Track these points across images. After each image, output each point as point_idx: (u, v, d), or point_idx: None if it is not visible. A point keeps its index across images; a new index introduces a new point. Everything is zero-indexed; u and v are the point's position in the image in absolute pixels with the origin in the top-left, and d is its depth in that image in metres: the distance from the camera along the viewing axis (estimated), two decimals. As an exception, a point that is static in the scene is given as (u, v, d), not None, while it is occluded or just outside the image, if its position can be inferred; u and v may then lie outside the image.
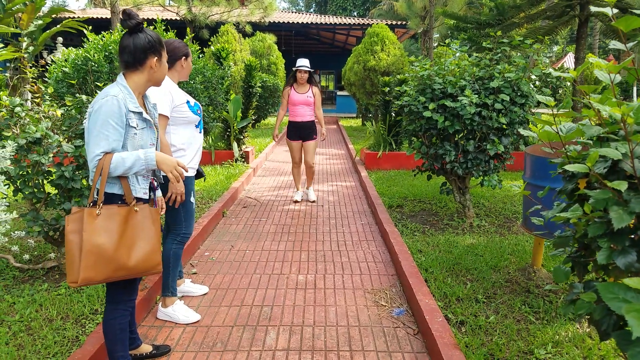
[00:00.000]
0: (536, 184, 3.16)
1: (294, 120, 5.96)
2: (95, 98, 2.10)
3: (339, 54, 26.88)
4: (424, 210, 5.47)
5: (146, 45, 2.11)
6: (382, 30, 12.87)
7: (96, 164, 2.02)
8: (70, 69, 5.01)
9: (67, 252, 2.03)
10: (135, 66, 2.13)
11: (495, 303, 3.15)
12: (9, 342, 2.60)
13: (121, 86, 2.12)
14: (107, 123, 2.01)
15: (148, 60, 2.13)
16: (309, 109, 5.95)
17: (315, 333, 2.95)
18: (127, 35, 2.12)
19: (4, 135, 3.16)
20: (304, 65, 5.86)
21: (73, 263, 2.01)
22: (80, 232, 2.01)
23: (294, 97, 5.91)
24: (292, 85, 5.94)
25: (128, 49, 2.10)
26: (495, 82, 4.24)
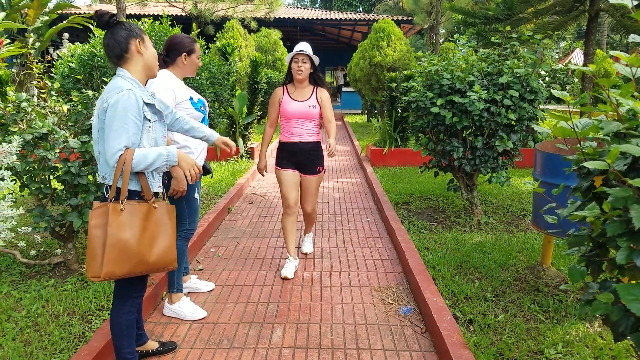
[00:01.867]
0: (547, 182, 3.11)
1: (287, 141, 3.75)
2: (105, 93, 2.08)
3: (344, 49, 26.78)
4: (431, 208, 5.43)
5: (124, 32, 2.12)
6: (388, 25, 12.79)
7: (117, 159, 2.01)
8: (77, 65, 4.99)
9: (90, 246, 2.03)
10: (124, 56, 2.14)
11: (504, 302, 3.11)
12: (16, 337, 2.59)
13: (129, 79, 2.13)
14: (127, 117, 2.01)
15: (131, 45, 2.13)
16: (311, 125, 3.73)
17: (322, 331, 2.93)
18: (106, 34, 2.14)
19: (10, 131, 3.15)
20: (303, 49, 3.63)
21: (95, 257, 2.02)
22: (104, 226, 2.03)
23: (288, 107, 3.67)
24: (286, 87, 3.76)
25: (111, 43, 2.12)
26: (504, 78, 4.19)
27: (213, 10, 14.85)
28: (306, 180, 3.80)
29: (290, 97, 3.71)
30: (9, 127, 3.13)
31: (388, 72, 12.02)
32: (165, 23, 5.57)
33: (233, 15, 15.35)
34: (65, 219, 3.30)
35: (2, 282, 3.25)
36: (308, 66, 3.64)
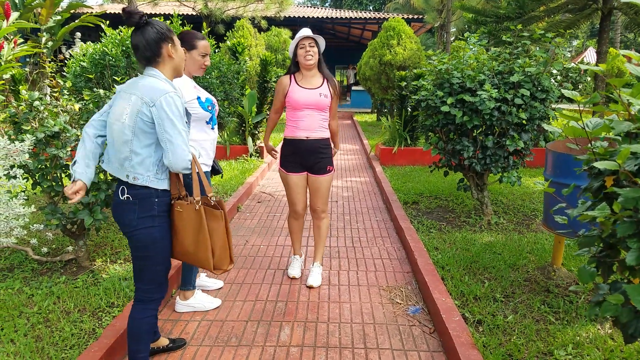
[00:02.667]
0: (558, 181, 3.08)
1: (293, 138, 3.40)
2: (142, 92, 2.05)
3: (354, 48, 26.74)
4: (440, 207, 5.41)
5: (157, 35, 2.10)
6: (399, 24, 12.75)
7: (190, 161, 2.07)
8: (88, 64, 5.04)
9: (221, 242, 2.20)
10: (155, 59, 2.13)
11: (513, 302, 3.09)
12: (28, 333, 2.63)
13: (165, 80, 2.13)
14: (180, 118, 2.06)
15: (163, 49, 2.13)
16: (321, 117, 3.38)
17: (329, 329, 2.93)
18: (135, 33, 2.11)
19: (23, 129, 3.19)
20: (307, 34, 3.27)
21: (226, 249, 2.23)
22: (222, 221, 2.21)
23: (296, 96, 3.29)
24: (293, 76, 3.38)
25: (141, 44, 2.09)
26: (515, 77, 4.15)
27: (223, 9, 14.90)
28: (316, 181, 3.45)
29: (299, 84, 3.32)
30: (22, 125, 3.16)
31: (398, 70, 11.98)
32: (176, 22, 5.59)
33: (243, 14, 15.39)
34: (77, 216, 3.33)
35: (15, 279, 3.30)
36: (316, 50, 3.28)
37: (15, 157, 2.57)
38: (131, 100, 2.05)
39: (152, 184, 2.09)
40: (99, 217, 3.29)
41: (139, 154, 2.06)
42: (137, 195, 2.10)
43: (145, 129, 2.04)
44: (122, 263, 3.66)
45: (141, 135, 2.05)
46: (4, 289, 3.12)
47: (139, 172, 2.08)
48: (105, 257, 3.75)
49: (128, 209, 2.11)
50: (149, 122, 2.03)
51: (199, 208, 2.14)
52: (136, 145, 2.06)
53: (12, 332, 2.63)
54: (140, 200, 2.10)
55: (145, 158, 2.07)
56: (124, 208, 2.12)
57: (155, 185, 2.10)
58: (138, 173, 2.08)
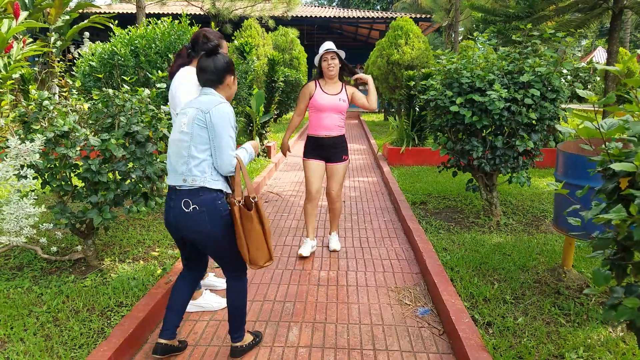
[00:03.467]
0: (570, 182, 3.05)
1: (316, 135, 3.97)
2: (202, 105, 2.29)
3: (361, 48, 26.69)
4: (449, 208, 5.38)
5: (225, 66, 2.38)
6: (407, 23, 12.71)
7: (234, 164, 2.28)
8: (97, 63, 5.05)
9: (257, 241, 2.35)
10: (217, 84, 2.39)
11: (523, 304, 3.06)
12: (37, 332, 2.64)
13: (219, 96, 2.38)
14: (230, 126, 2.30)
15: (226, 79, 2.40)
16: (339, 119, 3.98)
17: (338, 331, 2.92)
18: (206, 57, 2.36)
19: (32, 129, 3.20)
20: (330, 47, 3.91)
21: (263, 247, 2.38)
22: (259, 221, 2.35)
23: (320, 100, 3.89)
24: (318, 81, 4.00)
25: (209, 69, 2.35)
26: (525, 77, 4.12)
27: (231, 9, 14.93)
28: (332, 167, 4.04)
29: (323, 90, 3.95)
30: (32, 125, 3.18)
31: (406, 70, 11.93)
32: (185, 22, 5.60)
33: (251, 14, 15.40)
34: (86, 216, 3.34)
35: (24, 278, 3.31)
36: (337, 62, 3.91)
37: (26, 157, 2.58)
38: (189, 113, 2.31)
39: (209, 184, 2.28)
40: (107, 217, 3.29)
41: (196, 157, 2.27)
42: (202, 204, 2.28)
43: (201, 134, 2.26)
44: (131, 262, 3.67)
45: (198, 140, 2.27)
46: (13, 287, 3.14)
47: (196, 174, 2.27)
48: (113, 257, 3.76)
49: (198, 219, 2.29)
50: (204, 127, 2.26)
51: (236, 207, 2.28)
52: (194, 150, 2.27)
53: (22, 331, 2.64)
54: (207, 207, 2.28)
55: (202, 161, 2.28)
56: (193, 219, 2.30)
57: (212, 186, 2.28)
58: (195, 175, 2.27)
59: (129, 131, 3.31)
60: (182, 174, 2.30)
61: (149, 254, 3.85)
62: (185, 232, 2.34)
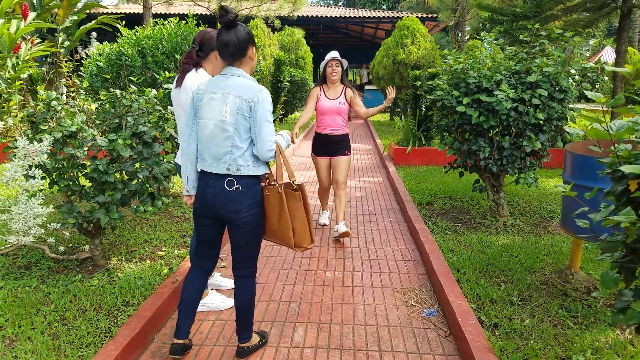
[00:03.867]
0: (578, 184, 3.03)
1: (321, 133, 4.67)
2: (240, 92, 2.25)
3: (367, 47, 26.66)
4: (455, 208, 5.36)
5: (246, 36, 2.30)
6: (413, 23, 12.67)
7: (274, 150, 2.31)
8: (105, 64, 5.07)
9: (301, 223, 2.44)
10: (241, 58, 2.32)
11: (530, 306, 3.05)
12: (45, 331, 2.65)
13: (252, 79, 2.37)
14: (270, 113, 2.31)
15: (249, 50, 2.34)
16: (340, 119, 4.61)
17: (343, 331, 2.91)
18: (226, 31, 2.27)
19: (40, 129, 3.22)
20: (335, 56, 4.55)
21: (306, 230, 2.47)
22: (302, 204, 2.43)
23: (323, 104, 4.57)
24: (322, 87, 4.64)
25: (232, 42, 2.26)
26: (533, 77, 4.09)
27: (237, 9, 14.94)
28: (336, 160, 4.66)
29: (325, 95, 4.60)
30: (40, 125, 3.20)
31: (412, 70, 11.90)
32: (191, 23, 5.61)
33: (257, 14, 15.42)
34: (93, 215, 3.35)
35: (32, 277, 3.33)
36: (339, 69, 4.55)
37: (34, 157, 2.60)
38: (229, 99, 2.26)
39: (252, 172, 2.32)
40: (114, 217, 3.31)
41: (240, 147, 2.29)
42: (246, 185, 2.33)
43: (245, 125, 2.27)
44: (138, 262, 3.68)
45: (242, 130, 2.27)
46: (21, 286, 3.16)
47: (240, 163, 2.30)
48: (120, 256, 3.78)
49: (238, 198, 2.32)
50: (248, 117, 2.26)
51: (281, 191, 2.37)
52: (237, 140, 2.28)
53: (30, 330, 2.65)
54: (249, 189, 2.33)
55: (245, 151, 2.30)
56: (233, 197, 2.32)
57: (255, 173, 2.33)
58: (240, 165, 2.30)
59: (136, 131, 3.32)
60: (224, 163, 2.31)
61: (156, 253, 3.86)
62: (223, 211, 2.35)
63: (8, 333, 2.61)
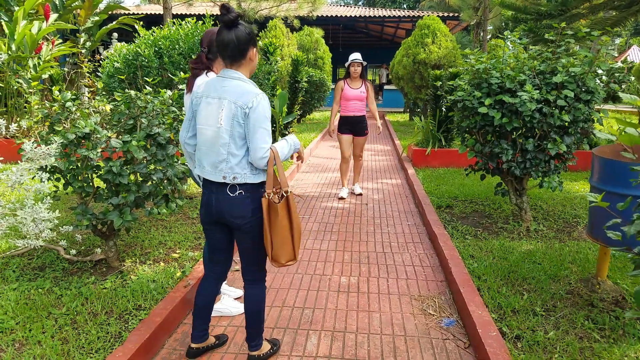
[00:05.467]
0: (607, 190, 2.87)
1: (347, 115, 5.98)
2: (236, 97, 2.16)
3: (387, 47, 26.46)
4: (476, 212, 5.21)
5: (247, 37, 2.20)
6: (434, 22, 12.48)
7: (267, 157, 2.17)
8: (122, 64, 5.07)
9: (281, 236, 2.26)
10: (240, 59, 2.22)
11: (554, 317, 2.91)
12: (55, 335, 2.62)
13: (249, 82, 2.24)
14: (266, 119, 2.19)
15: (249, 51, 2.24)
16: (361, 104, 5.95)
17: (358, 341, 2.82)
18: (226, 30, 2.17)
19: (55, 129, 3.21)
20: (357, 58, 5.82)
21: (288, 244, 2.29)
22: (287, 216, 2.27)
23: (348, 93, 5.89)
24: (346, 80, 5.95)
25: (232, 43, 2.17)
26: (558, 77, 3.93)
27: (257, 9, 14.95)
28: (357, 139, 6.09)
29: (349, 86, 5.94)
30: (54, 125, 3.18)
31: (432, 69, 11.72)
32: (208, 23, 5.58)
33: (276, 14, 15.40)
34: (107, 217, 3.33)
35: (45, 278, 3.32)
36: (360, 68, 5.90)
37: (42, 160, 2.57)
38: (224, 105, 2.17)
39: (250, 180, 2.23)
40: (128, 219, 3.27)
41: (236, 155, 2.20)
42: (249, 189, 2.25)
43: (241, 132, 2.18)
44: (152, 264, 3.65)
45: (237, 137, 2.18)
46: (34, 288, 3.15)
47: (237, 171, 2.21)
48: (134, 258, 3.75)
49: (242, 203, 2.25)
50: (243, 123, 2.17)
51: (264, 199, 2.24)
52: (233, 148, 2.19)
53: (40, 333, 2.63)
54: (252, 193, 2.26)
55: (242, 158, 2.21)
56: (237, 203, 2.25)
57: (253, 181, 2.24)
58: (237, 173, 2.21)
59: (150, 133, 3.28)
60: (221, 171, 2.23)
61: (170, 255, 3.83)
62: (228, 217, 2.28)
63: (18, 337, 2.59)
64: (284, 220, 2.25)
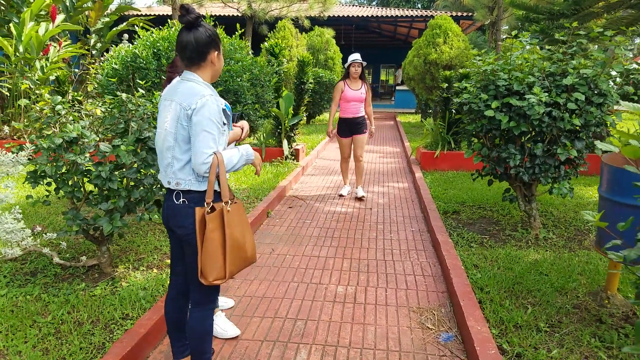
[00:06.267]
0: (615, 201, 2.71)
1: (346, 117, 5.94)
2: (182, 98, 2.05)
3: (401, 47, 26.23)
4: (484, 218, 5.04)
5: (207, 39, 2.09)
6: (445, 22, 12.27)
7: (209, 164, 2.02)
8: (120, 66, 5.01)
9: (210, 250, 2.06)
10: (199, 62, 2.11)
11: (559, 333, 2.75)
12: (37, 345, 2.55)
13: (204, 84, 2.11)
14: (212, 122, 2.02)
15: (210, 54, 2.11)
16: (360, 105, 5.92)
17: (350, 356, 2.69)
18: (186, 31, 2.07)
19: (44, 133, 3.14)
20: (357, 58, 5.79)
21: (217, 260, 2.07)
22: (219, 229, 2.07)
23: (348, 94, 5.84)
24: (345, 81, 5.88)
25: (190, 45, 2.06)
26: (568, 79, 3.76)
27: (267, 10, 14.87)
28: (357, 138, 6.00)
29: (349, 87, 5.87)
30: (44, 129, 3.12)
31: (444, 70, 11.51)
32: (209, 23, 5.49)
33: (287, 14, 15.31)
34: (97, 223, 3.25)
35: (36, 284, 3.26)
36: (360, 69, 5.84)
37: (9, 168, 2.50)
38: (171, 107, 2.07)
39: (194, 187, 2.09)
40: (117, 225, 3.20)
41: (180, 159, 2.08)
42: (193, 199, 2.10)
43: (185, 135, 2.05)
44: (144, 270, 3.57)
45: (182, 141, 2.06)
46: (22, 295, 3.08)
47: (180, 177, 2.09)
48: (128, 263, 3.67)
49: (185, 213, 2.11)
50: (186, 126, 2.04)
51: (200, 209, 2.09)
52: (177, 152, 2.07)
53: (22, 343, 2.55)
54: (196, 204, 2.10)
55: (186, 164, 2.08)
56: (180, 212, 2.12)
57: (198, 188, 2.09)
58: (180, 178, 2.09)
59: (140, 137, 3.20)
60: (166, 176, 2.13)
61: (164, 261, 3.74)
62: (172, 225, 2.17)
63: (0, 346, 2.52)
64: (214, 233, 2.06)
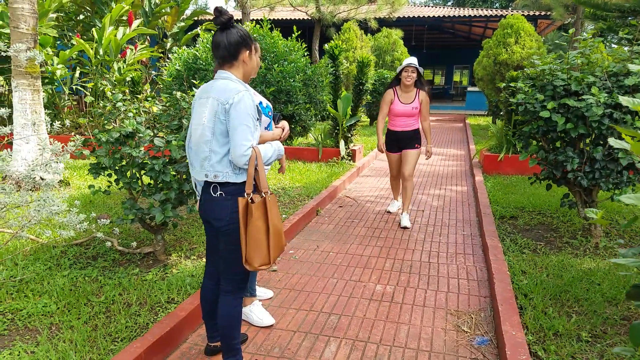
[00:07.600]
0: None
1: (394, 130, 5.07)
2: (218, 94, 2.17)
3: (476, 47, 25.43)
4: (542, 225, 4.81)
5: (238, 39, 2.21)
6: (517, 21, 11.77)
7: (249, 156, 2.13)
8: (182, 67, 5.32)
9: (255, 237, 2.19)
10: (231, 61, 2.24)
11: (601, 345, 2.59)
12: (88, 321, 2.80)
13: (238, 81, 2.23)
14: (249, 116, 2.14)
15: (241, 54, 2.24)
16: (411, 120, 4.99)
17: (378, 352, 2.71)
18: (219, 32, 2.22)
19: (106, 128, 3.43)
20: (412, 62, 4.83)
21: (261, 247, 2.20)
22: (263, 217, 2.20)
23: (396, 108, 4.94)
24: (395, 90, 4.97)
25: (223, 44, 2.21)
26: (630, 80, 3.52)
27: (335, 12, 15.03)
28: (406, 153, 5.04)
29: (399, 100, 4.96)
30: (105, 124, 3.41)
31: (515, 70, 11.04)
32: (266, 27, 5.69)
33: (355, 16, 15.38)
34: (151, 212, 3.50)
35: (95, 267, 3.56)
36: (414, 75, 4.84)
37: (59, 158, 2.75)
38: (208, 103, 2.19)
39: (231, 179, 2.19)
40: (169, 215, 3.42)
41: (218, 152, 2.18)
42: (230, 192, 2.21)
43: (222, 129, 2.16)
44: (195, 259, 3.78)
45: (219, 134, 2.16)
46: (82, 276, 3.38)
47: (218, 169, 2.19)
48: (180, 252, 3.91)
49: (222, 205, 2.22)
50: (224, 120, 2.14)
51: (241, 199, 2.19)
52: (215, 145, 2.18)
53: (75, 319, 2.82)
54: (233, 196, 2.20)
55: (224, 156, 2.18)
56: (217, 204, 2.23)
57: (235, 180, 2.20)
58: (217, 171, 2.19)
59: (190, 133, 3.40)
60: (204, 169, 2.22)
61: (212, 252, 3.94)
62: (209, 218, 2.29)
63: (55, 320, 2.79)
64: (259, 221, 2.18)
